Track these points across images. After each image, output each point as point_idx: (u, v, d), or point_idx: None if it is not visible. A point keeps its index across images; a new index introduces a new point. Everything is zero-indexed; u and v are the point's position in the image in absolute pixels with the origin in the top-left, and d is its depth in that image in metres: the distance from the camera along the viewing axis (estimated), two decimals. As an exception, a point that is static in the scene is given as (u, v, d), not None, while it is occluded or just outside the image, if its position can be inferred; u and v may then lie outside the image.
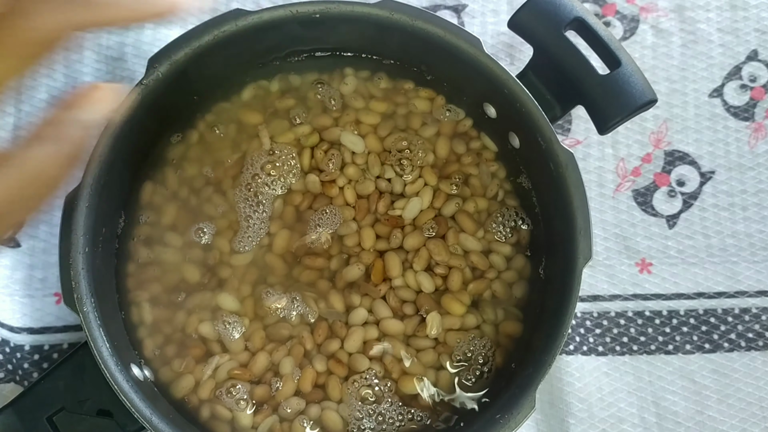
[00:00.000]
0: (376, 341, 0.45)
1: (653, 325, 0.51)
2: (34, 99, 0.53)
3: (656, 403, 0.50)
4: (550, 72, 0.44)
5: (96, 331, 0.40)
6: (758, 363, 0.50)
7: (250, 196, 0.47)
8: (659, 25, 0.55)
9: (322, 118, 0.48)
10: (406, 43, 0.45)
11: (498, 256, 0.47)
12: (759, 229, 0.52)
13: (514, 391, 0.42)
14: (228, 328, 0.45)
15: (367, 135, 0.48)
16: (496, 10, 0.55)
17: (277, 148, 0.47)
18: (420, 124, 0.48)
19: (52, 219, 0.52)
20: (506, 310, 0.46)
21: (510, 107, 0.44)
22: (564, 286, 0.41)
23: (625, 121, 0.43)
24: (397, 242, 0.46)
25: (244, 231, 0.46)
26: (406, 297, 0.46)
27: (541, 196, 0.47)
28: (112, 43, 0.54)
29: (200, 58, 0.44)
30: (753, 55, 0.54)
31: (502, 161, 0.48)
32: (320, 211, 0.47)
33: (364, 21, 0.44)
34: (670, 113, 0.54)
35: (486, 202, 0.47)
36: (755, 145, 0.53)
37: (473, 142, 0.48)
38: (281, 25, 0.44)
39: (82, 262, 0.41)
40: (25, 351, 0.50)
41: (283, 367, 0.44)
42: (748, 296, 0.51)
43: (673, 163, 0.53)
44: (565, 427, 0.49)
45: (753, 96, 0.54)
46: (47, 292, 0.51)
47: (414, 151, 0.48)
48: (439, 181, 0.47)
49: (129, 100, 0.42)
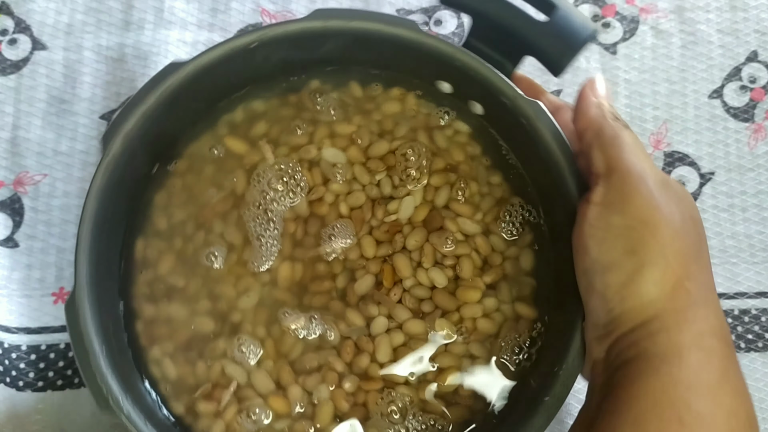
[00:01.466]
0: (403, 346, 0.45)
1: (652, 326, 0.51)
2: (33, 99, 0.54)
3: (655, 404, 0.50)
4: (492, 33, 0.44)
5: (142, 427, 0.40)
6: (758, 364, 0.50)
7: (259, 214, 0.46)
8: (659, 26, 0.55)
9: (295, 137, 0.48)
10: (351, 46, 0.46)
11: (498, 237, 0.47)
12: (758, 231, 0.52)
13: (532, 403, 0.42)
14: (255, 372, 0.44)
15: (348, 147, 0.47)
16: (495, 11, 0.55)
17: (279, 163, 0.47)
18: (393, 124, 0.48)
19: (50, 219, 0.52)
20: (520, 283, 0.46)
21: (466, 78, 0.44)
22: (569, 231, 0.41)
23: (574, 58, 0.43)
24: (400, 244, 0.46)
25: (257, 251, 0.46)
26: (422, 295, 0.45)
27: (525, 160, 0.47)
28: (112, 43, 0.54)
29: (152, 119, 0.43)
30: (753, 56, 0.54)
31: (479, 139, 0.48)
32: (330, 226, 0.46)
33: (304, 36, 0.44)
34: (670, 114, 0.54)
35: (477, 185, 0.47)
36: (755, 146, 0.53)
37: (446, 130, 0.48)
38: (221, 65, 0.44)
39: (105, 364, 0.40)
40: (22, 351, 0.50)
41: (320, 395, 0.44)
42: (748, 297, 0.51)
43: (672, 164, 0.53)
44: (565, 427, 0.49)
45: (753, 97, 0.54)
46: (45, 292, 0.51)
47: (400, 153, 0.48)
48: (430, 175, 0.47)
49: (95, 189, 0.41)
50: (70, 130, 0.53)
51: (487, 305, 0.45)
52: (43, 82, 0.54)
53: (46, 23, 0.55)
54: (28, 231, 0.52)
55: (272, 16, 0.56)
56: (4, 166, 0.53)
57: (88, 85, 0.54)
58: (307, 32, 0.44)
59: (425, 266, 0.45)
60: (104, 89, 0.54)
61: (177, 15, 0.55)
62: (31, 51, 0.54)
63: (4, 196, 0.52)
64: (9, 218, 0.52)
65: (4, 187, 0.53)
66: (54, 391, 0.49)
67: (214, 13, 0.56)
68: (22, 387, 0.49)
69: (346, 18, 0.44)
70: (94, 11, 0.55)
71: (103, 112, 0.53)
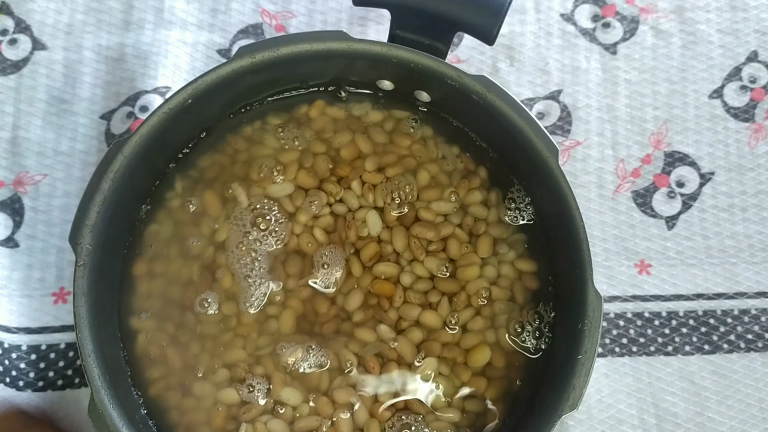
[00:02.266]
0: (426, 342, 0.45)
1: (652, 327, 0.51)
2: (33, 99, 0.54)
3: (656, 404, 0.50)
4: (416, 21, 0.44)
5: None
6: (758, 364, 0.50)
7: (243, 254, 0.46)
8: (659, 26, 0.55)
9: (257, 175, 0.47)
10: (285, 72, 0.46)
11: (476, 206, 0.47)
12: (758, 231, 0.52)
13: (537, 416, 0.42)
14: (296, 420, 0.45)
15: (297, 174, 0.47)
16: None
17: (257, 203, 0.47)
18: (331, 135, 0.48)
19: (50, 219, 0.52)
20: (510, 242, 0.46)
21: (406, 72, 0.44)
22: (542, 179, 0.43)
23: (501, 24, 0.43)
24: (388, 250, 0.46)
25: (246, 291, 0.46)
26: (424, 287, 0.46)
27: (483, 133, 0.47)
28: (112, 43, 0.54)
29: (112, 205, 0.42)
30: (753, 56, 0.54)
31: (428, 122, 0.48)
32: (319, 254, 0.46)
33: (235, 77, 0.44)
34: (670, 114, 0.54)
35: (436, 166, 0.47)
36: (755, 146, 0.53)
37: (387, 122, 0.48)
38: (163, 130, 0.43)
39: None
40: (22, 351, 0.50)
41: (360, 419, 0.44)
42: (747, 297, 0.51)
43: (672, 164, 0.53)
44: (565, 428, 0.49)
45: (753, 97, 0.54)
46: (45, 292, 0.51)
47: (343, 164, 0.47)
48: (384, 171, 0.47)
49: (80, 293, 0.41)
50: (70, 130, 0.53)
51: (489, 274, 0.46)
52: (43, 82, 0.54)
53: (46, 23, 0.55)
54: (28, 231, 0.52)
55: (272, 17, 0.56)
56: (4, 166, 0.53)
57: (88, 85, 0.54)
58: (238, 72, 0.44)
59: (420, 259, 0.45)
60: (104, 89, 0.54)
61: (177, 15, 0.55)
62: (32, 51, 0.54)
63: (5, 196, 0.52)
64: (9, 218, 0.52)
65: (4, 187, 0.53)
66: (54, 391, 0.49)
67: (214, 14, 0.56)
68: (22, 387, 0.49)
69: (272, 47, 0.44)
70: (94, 11, 0.55)
71: (103, 112, 0.53)
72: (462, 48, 0.55)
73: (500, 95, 0.43)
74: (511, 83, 0.54)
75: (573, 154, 0.53)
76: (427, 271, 0.46)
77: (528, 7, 0.56)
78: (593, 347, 0.41)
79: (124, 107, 0.53)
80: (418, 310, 0.45)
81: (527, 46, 0.55)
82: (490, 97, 0.43)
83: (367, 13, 0.55)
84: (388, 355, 0.45)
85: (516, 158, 0.46)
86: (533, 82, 0.54)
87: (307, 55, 0.44)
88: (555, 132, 0.54)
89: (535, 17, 0.55)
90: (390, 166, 0.47)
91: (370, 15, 0.55)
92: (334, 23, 0.55)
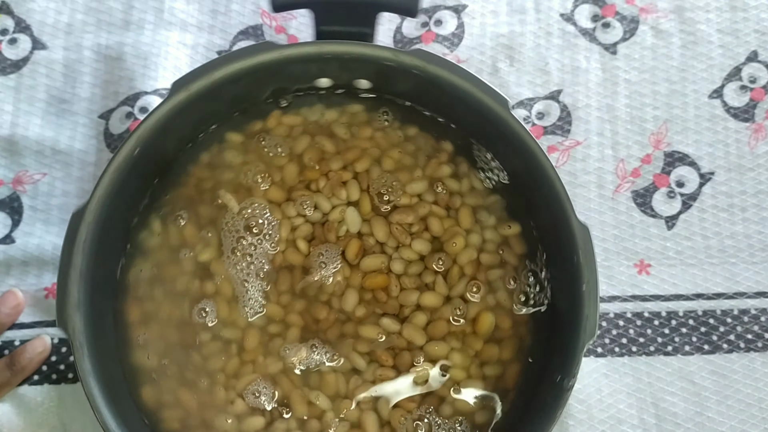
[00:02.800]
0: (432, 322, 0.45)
1: (652, 326, 0.51)
2: (33, 99, 0.54)
3: (655, 404, 0.50)
4: (338, 13, 0.45)
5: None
6: (757, 364, 0.50)
7: (238, 260, 0.46)
8: (659, 26, 0.55)
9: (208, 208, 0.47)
10: (224, 93, 0.45)
11: (448, 179, 0.47)
12: (758, 231, 0.52)
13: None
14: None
15: (266, 192, 0.47)
16: (495, 11, 0.55)
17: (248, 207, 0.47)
18: (291, 144, 0.48)
19: (49, 218, 0.52)
20: (488, 207, 0.47)
21: (342, 65, 0.45)
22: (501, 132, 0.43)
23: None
24: (371, 243, 0.46)
25: (243, 297, 0.46)
26: (417, 270, 0.46)
27: (435, 105, 0.47)
28: (112, 42, 0.54)
29: (93, 253, 0.42)
30: (753, 56, 0.54)
31: (378, 110, 0.48)
32: (316, 254, 0.46)
33: (174, 114, 0.44)
34: (670, 114, 0.54)
35: (396, 152, 0.47)
36: (755, 146, 0.53)
37: (343, 118, 0.48)
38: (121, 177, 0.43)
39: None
40: (15, 347, 0.50)
41: (384, 413, 0.44)
42: (747, 297, 0.51)
43: (672, 164, 0.53)
44: (565, 428, 0.49)
45: (753, 97, 0.54)
46: (39, 287, 0.51)
47: (310, 170, 0.47)
48: (352, 166, 0.47)
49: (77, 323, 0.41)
50: (69, 129, 0.53)
51: (475, 242, 0.46)
52: (43, 81, 0.54)
53: (46, 23, 0.55)
54: (26, 229, 0.52)
55: (272, 18, 0.56)
56: (3, 164, 0.53)
57: (87, 84, 0.54)
58: (176, 109, 0.43)
59: (406, 243, 0.46)
60: (103, 89, 0.54)
61: (177, 16, 0.55)
62: (31, 50, 0.54)
63: (3, 194, 0.52)
64: (8, 217, 0.52)
65: (3, 186, 0.53)
66: (51, 384, 0.49)
67: (214, 15, 0.56)
68: (18, 381, 0.50)
69: (205, 73, 0.43)
70: (94, 11, 0.55)
71: (102, 112, 0.53)
72: (462, 48, 0.55)
73: (440, 64, 0.43)
74: (511, 83, 0.54)
75: (573, 153, 0.53)
76: (416, 254, 0.46)
77: (528, 7, 0.55)
78: (594, 275, 0.41)
79: (122, 107, 0.53)
80: (416, 294, 0.45)
81: (527, 46, 0.55)
82: (430, 68, 0.43)
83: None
84: (398, 344, 0.45)
85: (473, 122, 0.46)
86: (533, 82, 0.54)
87: (242, 71, 0.44)
88: (555, 132, 0.54)
89: (535, 17, 0.55)
90: (356, 161, 0.47)
91: (370, 16, 0.55)
92: (335, 24, 0.55)
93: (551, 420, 0.40)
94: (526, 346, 0.45)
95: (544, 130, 0.54)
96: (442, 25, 0.55)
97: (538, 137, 0.53)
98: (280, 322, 0.45)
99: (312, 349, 0.45)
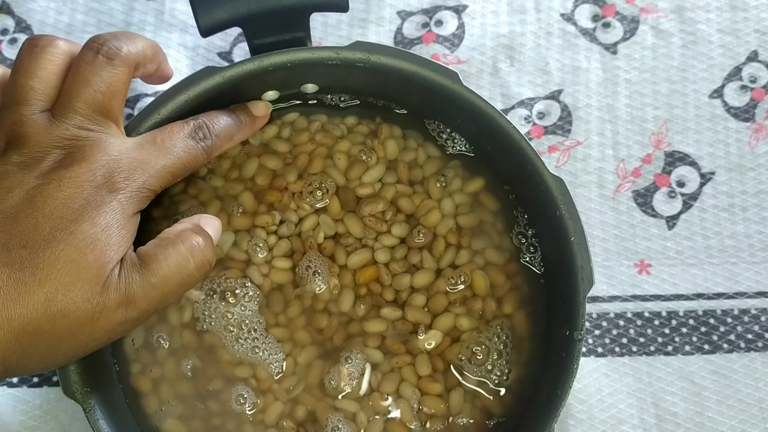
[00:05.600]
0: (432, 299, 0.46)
1: (652, 326, 0.51)
2: (34, 99, 0.54)
3: (656, 404, 0.50)
4: (269, 25, 0.44)
5: None
6: (758, 364, 0.50)
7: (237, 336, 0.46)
8: (659, 26, 0.55)
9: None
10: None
11: (408, 159, 0.48)
12: (758, 230, 0.52)
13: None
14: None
15: (240, 194, 0.47)
16: (496, 12, 0.55)
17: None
18: (239, 166, 0.47)
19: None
20: (450, 171, 0.47)
21: (286, 74, 0.44)
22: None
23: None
24: (350, 240, 0.46)
25: (263, 363, 0.45)
26: (402, 253, 0.46)
27: (386, 94, 0.48)
28: (113, 43, 0.54)
29: None
30: (753, 56, 0.54)
31: (323, 110, 0.49)
32: (304, 267, 0.46)
33: None
34: (671, 114, 0.54)
35: (348, 143, 0.47)
36: (755, 146, 0.53)
37: (284, 131, 0.48)
38: None
39: None
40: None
41: (405, 392, 0.45)
42: (747, 297, 0.51)
43: (673, 164, 0.53)
44: (565, 427, 0.49)
45: (753, 97, 0.54)
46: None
47: (266, 190, 0.47)
48: (306, 171, 0.47)
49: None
50: (70, 130, 0.53)
51: (448, 208, 0.47)
52: (44, 82, 0.54)
53: (46, 23, 0.55)
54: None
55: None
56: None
57: (88, 85, 0.54)
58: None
59: (383, 230, 0.46)
60: (104, 89, 0.54)
61: (178, 17, 0.55)
62: (32, 51, 0.54)
63: None
64: None
65: None
66: (50, 387, 0.49)
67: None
68: (16, 383, 0.49)
69: (154, 110, 0.42)
70: (94, 12, 0.55)
71: (103, 112, 0.53)
72: (462, 49, 0.55)
73: (383, 51, 0.44)
74: (511, 83, 0.54)
75: (573, 153, 0.53)
76: (396, 238, 0.46)
77: (528, 7, 0.56)
78: (579, 225, 0.42)
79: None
80: (407, 277, 0.46)
81: (527, 46, 0.55)
82: (374, 58, 0.44)
83: (368, 15, 0.55)
84: (405, 329, 0.45)
85: (427, 102, 0.46)
86: (533, 82, 0.54)
87: (188, 102, 0.43)
88: (556, 132, 0.54)
89: (535, 17, 0.55)
90: (308, 167, 0.47)
91: (371, 17, 0.55)
92: (335, 25, 0.55)
93: (569, 372, 0.42)
94: (527, 297, 0.46)
95: (544, 129, 0.54)
96: (443, 25, 0.55)
97: (539, 137, 0.53)
98: (289, 339, 0.45)
99: (346, 362, 0.45)
